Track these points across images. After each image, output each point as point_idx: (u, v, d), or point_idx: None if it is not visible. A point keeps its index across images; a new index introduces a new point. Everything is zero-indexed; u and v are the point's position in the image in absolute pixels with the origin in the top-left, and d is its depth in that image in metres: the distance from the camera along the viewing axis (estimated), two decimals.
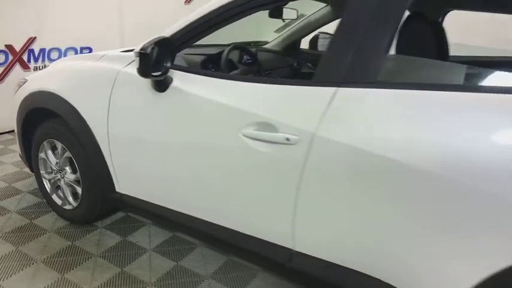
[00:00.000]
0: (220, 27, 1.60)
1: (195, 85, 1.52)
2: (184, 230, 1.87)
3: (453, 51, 2.06)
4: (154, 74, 1.45)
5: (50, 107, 2.02)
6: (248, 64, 2.19)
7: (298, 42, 2.79)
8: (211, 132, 1.47)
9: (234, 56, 2.17)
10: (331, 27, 1.60)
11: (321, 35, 2.75)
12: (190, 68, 1.64)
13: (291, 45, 2.76)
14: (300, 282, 1.57)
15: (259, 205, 1.44)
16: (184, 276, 1.85)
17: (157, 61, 1.45)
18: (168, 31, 1.60)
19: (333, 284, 1.35)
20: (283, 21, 2.15)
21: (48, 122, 2.11)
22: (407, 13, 1.44)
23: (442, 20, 2.18)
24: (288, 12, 2.04)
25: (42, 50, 3.77)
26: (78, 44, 4.01)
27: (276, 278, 1.83)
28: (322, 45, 2.87)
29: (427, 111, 1.09)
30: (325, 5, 2.34)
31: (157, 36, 1.47)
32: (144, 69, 1.42)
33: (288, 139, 1.27)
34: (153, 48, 1.40)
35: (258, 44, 2.82)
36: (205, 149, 1.49)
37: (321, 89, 1.25)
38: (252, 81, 1.46)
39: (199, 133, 1.50)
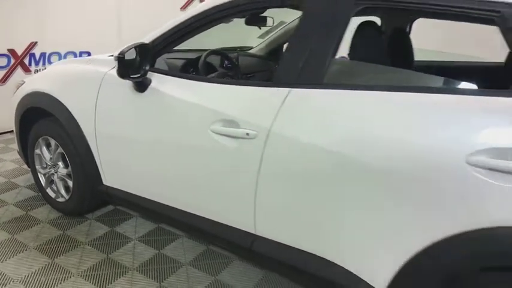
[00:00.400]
0: (196, 34, 1.76)
1: (171, 86, 1.68)
2: (161, 218, 2.03)
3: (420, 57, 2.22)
4: (133, 76, 1.63)
5: (44, 106, 2.19)
6: (228, 68, 2.35)
7: (281, 47, 2.95)
8: (184, 128, 1.63)
9: (215, 60, 2.33)
10: None
11: None
12: (167, 71, 1.81)
13: (273, 51, 2.93)
14: (261, 264, 1.72)
15: (225, 193, 1.59)
16: (165, 262, 2.01)
17: (136, 64, 1.62)
18: (147, 37, 1.77)
19: (289, 264, 1.49)
20: (259, 28, 2.31)
21: (43, 120, 2.28)
22: (358, 22, 1.60)
23: (410, 27, 2.33)
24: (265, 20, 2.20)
25: (42, 54, 3.98)
26: (78, 48, 4.20)
27: (248, 265, 1.98)
28: None
29: (363, 109, 1.25)
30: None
31: (136, 42, 1.65)
32: (122, 72, 1.59)
33: (247, 134, 1.43)
34: (131, 53, 1.57)
35: (243, 49, 2.99)
36: (179, 143, 1.66)
37: (276, 90, 1.41)
38: (220, 83, 1.63)
39: (174, 129, 1.67)
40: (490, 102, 1.10)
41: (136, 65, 1.65)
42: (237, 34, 3.10)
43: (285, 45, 2.99)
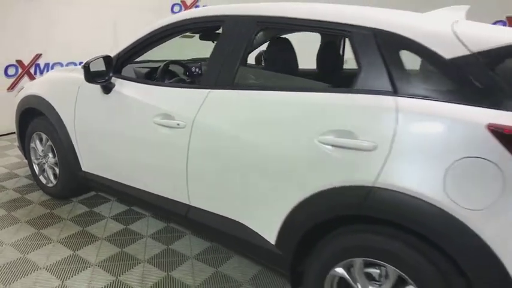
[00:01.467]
0: (152, 48, 2.22)
1: (128, 89, 2.13)
2: (124, 196, 2.44)
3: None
4: (98, 80, 2.08)
5: (37, 106, 2.67)
6: (189, 75, 2.79)
7: None
8: (136, 121, 2.07)
9: (178, 68, 2.78)
10: None
11: (264, 53, 3.34)
12: (128, 77, 2.24)
13: None
14: (194, 229, 2.13)
15: (166, 172, 2.02)
16: (129, 235, 2.43)
17: (102, 72, 2.07)
18: (114, 51, 2.23)
19: (213, 227, 1.90)
20: (213, 42, 2.74)
21: (37, 118, 2.75)
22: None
23: (344, 41, 2.73)
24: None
25: (46, 65, 4.52)
26: (78, 59, 4.72)
27: (197, 239, 2.40)
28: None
29: (256, 103, 1.67)
30: None
31: (101, 54, 2.11)
32: (87, 77, 2.05)
33: (178, 124, 1.86)
34: (95, 63, 2.03)
35: None
36: (132, 134, 2.10)
37: (201, 91, 1.84)
38: (163, 86, 2.06)
39: (129, 122, 2.11)
40: (335, 97, 1.50)
41: (102, 73, 2.10)
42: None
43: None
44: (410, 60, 1.43)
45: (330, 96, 1.52)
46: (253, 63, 3.45)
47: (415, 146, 1.30)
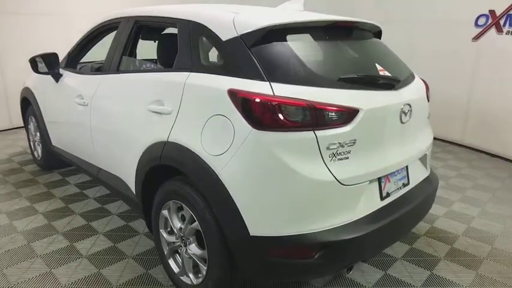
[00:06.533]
0: (92, 45, 2.83)
1: (68, 78, 2.76)
2: (73, 164, 3.05)
3: None
4: (44, 72, 2.74)
5: (27, 96, 3.44)
6: None
7: None
8: (69, 101, 2.67)
9: None
10: None
11: None
12: (71, 69, 2.87)
13: None
14: (102, 184, 2.62)
15: (84, 141, 2.58)
16: (79, 196, 3.04)
17: (49, 64, 2.73)
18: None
19: (110, 184, 2.40)
20: (154, 42, 3.26)
21: (30, 105, 3.52)
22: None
23: None
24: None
25: None
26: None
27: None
28: None
29: (124, 83, 2.15)
30: None
31: (49, 51, 2.76)
32: (33, 69, 2.71)
33: (84, 102, 2.41)
34: (39, 58, 2.69)
35: None
36: (66, 112, 2.71)
37: (100, 76, 2.38)
38: (83, 74, 2.64)
39: (64, 103, 2.72)
40: (161, 75, 1.91)
41: (51, 65, 2.76)
42: None
43: None
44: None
45: (158, 74, 1.96)
46: None
47: (189, 110, 1.69)
